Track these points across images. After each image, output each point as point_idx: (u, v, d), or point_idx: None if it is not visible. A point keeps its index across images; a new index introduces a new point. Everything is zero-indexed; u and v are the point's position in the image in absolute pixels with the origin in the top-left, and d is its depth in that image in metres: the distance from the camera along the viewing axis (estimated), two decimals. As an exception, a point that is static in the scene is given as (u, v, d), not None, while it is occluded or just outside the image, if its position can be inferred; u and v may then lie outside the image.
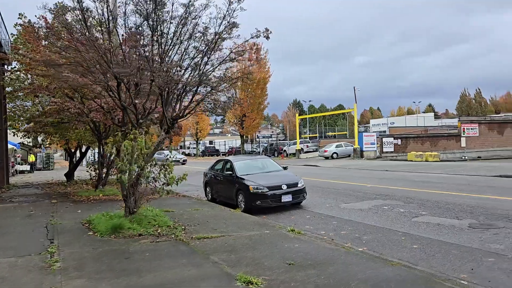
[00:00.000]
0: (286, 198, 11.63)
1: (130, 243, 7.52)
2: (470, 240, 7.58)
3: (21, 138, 23.07)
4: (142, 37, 8.78)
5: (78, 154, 24.94)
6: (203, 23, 8.93)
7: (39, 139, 26.56)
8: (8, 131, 21.84)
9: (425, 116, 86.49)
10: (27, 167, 38.77)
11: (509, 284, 5.34)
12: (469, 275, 5.58)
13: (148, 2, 8.36)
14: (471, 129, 39.55)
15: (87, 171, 16.81)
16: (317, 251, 6.70)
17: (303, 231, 8.40)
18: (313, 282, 5.16)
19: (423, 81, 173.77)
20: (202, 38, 8.94)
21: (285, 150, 48.62)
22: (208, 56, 9.01)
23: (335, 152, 40.77)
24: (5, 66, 18.23)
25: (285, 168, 13.51)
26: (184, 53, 9.07)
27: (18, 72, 17.04)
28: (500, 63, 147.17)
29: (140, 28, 8.76)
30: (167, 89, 8.94)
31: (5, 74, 17.39)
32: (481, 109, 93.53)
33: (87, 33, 8.71)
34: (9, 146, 25.06)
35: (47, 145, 36.63)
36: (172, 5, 8.52)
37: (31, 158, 41.76)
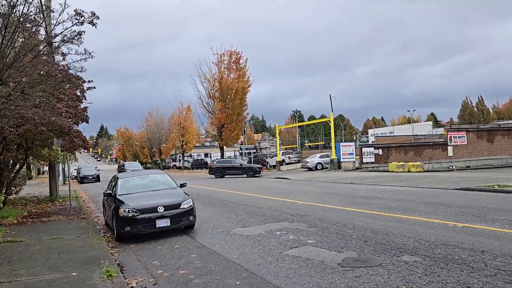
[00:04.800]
0: (162, 223, 9.67)
1: None
2: (317, 285, 5.57)
3: None
4: None
5: None
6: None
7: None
8: None
9: (424, 124, 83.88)
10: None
11: None
12: None
13: None
14: (459, 137, 37.13)
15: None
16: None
17: (116, 274, 6.46)
18: None
19: (426, 90, 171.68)
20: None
21: (267, 162, 46.56)
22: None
23: (319, 163, 38.28)
24: None
25: (182, 185, 11.57)
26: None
27: None
28: (502, 71, 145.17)
29: None
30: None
31: None
32: (483, 117, 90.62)
33: None
34: None
35: None
36: None
37: None
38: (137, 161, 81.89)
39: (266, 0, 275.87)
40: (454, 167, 35.27)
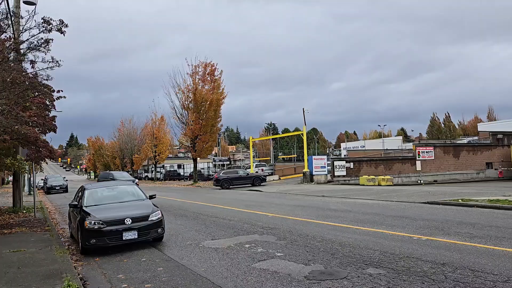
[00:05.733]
0: (130, 236, 9.48)
1: None
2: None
3: None
4: None
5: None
6: None
7: None
8: None
9: (395, 139, 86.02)
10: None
11: None
12: None
13: None
14: (427, 152, 38.27)
15: None
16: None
17: None
18: None
19: (396, 106, 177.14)
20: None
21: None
22: None
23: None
24: None
25: (151, 197, 11.40)
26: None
27: None
28: (467, 90, 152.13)
29: None
30: None
31: None
32: (450, 133, 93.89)
33: None
34: None
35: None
36: None
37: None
38: (108, 171, 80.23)
39: (242, 16, 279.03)
40: (422, 181, 36.26)
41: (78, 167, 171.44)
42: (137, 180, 42.14)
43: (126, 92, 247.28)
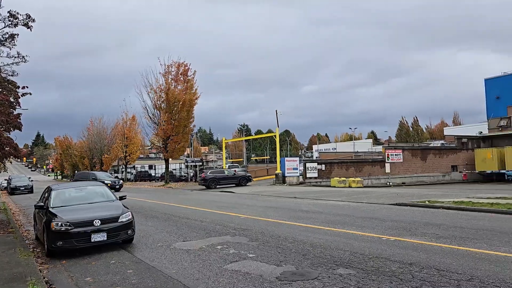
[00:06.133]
0: (98, 237, 9.25)
1: None
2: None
3: None
4: None
5: None
6: None
7: None
8: None
9: (365, 142, 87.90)
10: None
11: None
12: None
13: None
14: (396, 155, 39.24)
15: None
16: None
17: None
18: None
19: (367, 109, 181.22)
20: None
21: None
22: None
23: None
24: None
25: (122, 198, 11.17)
26: None
27: None
28: (434, 95, 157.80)
29: None
30: None
31: None
32: (418, 136, 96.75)
33: None
34: None
35: None
36: None
37: None
38: (76, 172, 78.13)
39: (218, 17, 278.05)
40: (391, 183, 37.15)
41: (44, 167, 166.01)
42: (121, 181, 41.12)
43: (96, 91, 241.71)
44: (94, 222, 9.28)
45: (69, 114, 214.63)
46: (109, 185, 36.49)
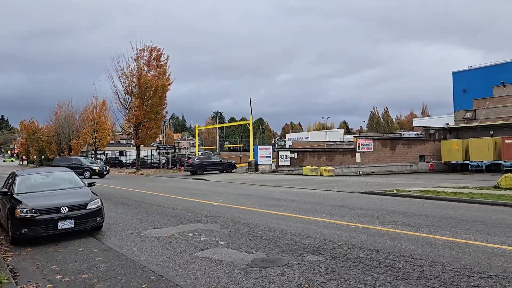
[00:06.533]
0: (66, 225, 9.03)
1: None
2: (225, 285, 5.63)
3: None
4: None
5: None
6: None
7: None
8: None
9: (337, 131, 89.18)
10: None
11: None
12: None
13: None
14: (366, 145, 40.08)
15: None
16: None
17: (7, 280, 5.90)
18: None
19: (340, 99, 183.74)
20: None
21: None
22: None
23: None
24: None
25: (90, 184, 10.92)
26: None
27: None
28: (404, 87, 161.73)
29: None
30: None
31: None
32: (388, 126, 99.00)
33: None
34: None
35: None
36: None
37: None
38: (42, 157, 75.76)
39: (193, 2, 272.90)
40: (361, 172, 38.00)
41: (8, 152, 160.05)
42: (108, 167, 39.71)
43: (65, 74, 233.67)
44: (61, 209, 9.05)
45: (36, 97, 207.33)
46: (97, 171, 35.71)
